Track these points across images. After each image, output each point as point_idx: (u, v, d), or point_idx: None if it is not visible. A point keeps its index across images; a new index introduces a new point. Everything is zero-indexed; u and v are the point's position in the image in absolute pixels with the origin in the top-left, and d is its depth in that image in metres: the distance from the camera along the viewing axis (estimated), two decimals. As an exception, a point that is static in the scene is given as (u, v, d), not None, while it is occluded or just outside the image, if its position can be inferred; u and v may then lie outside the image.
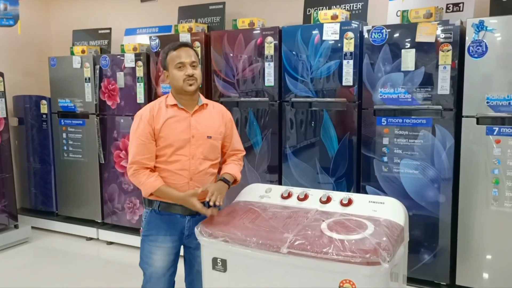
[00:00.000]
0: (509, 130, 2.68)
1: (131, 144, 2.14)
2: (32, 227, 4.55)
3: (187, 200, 2.04)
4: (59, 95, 4.50)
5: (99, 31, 4.79)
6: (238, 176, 2.25)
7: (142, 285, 2.24)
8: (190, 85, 2.10)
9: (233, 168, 2.25)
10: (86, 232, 4.46)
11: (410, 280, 2.85)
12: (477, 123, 2.77)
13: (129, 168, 2.12)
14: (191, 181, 2.13)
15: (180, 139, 2.11)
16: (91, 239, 4.45)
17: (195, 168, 2.13)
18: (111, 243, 4.34)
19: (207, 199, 2.00)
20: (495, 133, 2.73)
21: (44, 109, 4.64)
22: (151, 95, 3.99)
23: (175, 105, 2.15)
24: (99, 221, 4.43)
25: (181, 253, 2.30)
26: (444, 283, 2.95)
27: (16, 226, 4.39)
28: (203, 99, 2.23)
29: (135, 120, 2.17)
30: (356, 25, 3.07)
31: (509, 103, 2.67)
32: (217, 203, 2.00)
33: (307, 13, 3.68)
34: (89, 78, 4.28)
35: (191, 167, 2.13)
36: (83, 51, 4.40)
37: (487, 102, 2.73)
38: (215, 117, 2.23)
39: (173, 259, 2.21)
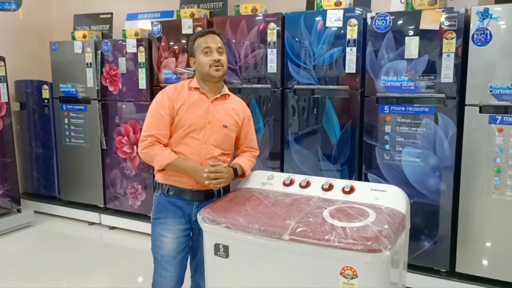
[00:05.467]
0: (512, 119, 2.68)
1: (148, 118, 2.13)
2: (35, 212, 4.58)
3: (200, 171, 2.05)
4: (61, 80, 4.49)
5: (101, 16, 4.75)
6: (247, 171, 2.24)
7: (154, 271, 2.23)
8: (217, 70, 2.11)
9: (244, 162, 2.24)
10: (88, 216, 4.49)
11: (410, 267, 2.87)
12: (480, 111, 2.76)
13: (142, 141, 2.10)
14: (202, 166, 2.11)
15: (196, 122, 2.11)
16: (93, 223, 4.48)
17: (206, 153, 2.12)
18: (113, 227, 4.37)
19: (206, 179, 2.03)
20: (497, 122, 2.72)
21: (45, 94, 4.64)
22: (153, 81, 3.98)
23: (197, 88, 2.16)
24: (101, 206, 4.46)
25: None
26: (444, 270, 2.97)
27: (19, 211, 4.42)
28: (226, 90, 2.24)
29: (157, 96, 2.17)
30: (360, 12, 3.05)
31: (513, 91, 2.66)
32: (211, 186, 2.05)
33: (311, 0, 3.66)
34: (90, 63, 4.27)
35: (202, 151, 2.12)
36: (84, 36, 4.38)
37: (490, 91, 2.72)
38: (234, 109, 2.23)
39: (183, 241, 2.19)
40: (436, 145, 2.88)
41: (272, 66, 3.39)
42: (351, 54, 3.08)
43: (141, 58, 3.99)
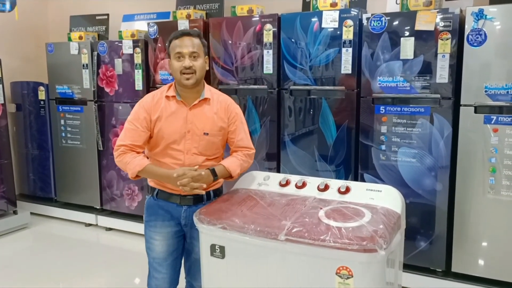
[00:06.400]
0: (507, 119, 2.69)
1: (124, 129, 2.12)
2: (31, 213, 4.57)
3: (173, 180, 1.97)
4: (57, 82, 4.49)
5: (97, 17, 4.75)
6: (234, 171, 2.12)
7: (148, 273, 2.24)
8: (187, 79, 2.02)
9: (231, 162, 2.13)
10: (85, 218, 4.48)
11: (406, 266, 2.87)
12: (475, 111, 2.77)
13: (115, 150, 2.08)
14: None
15: (175, 133, 2.06)
16: (89, 225, 4.47)
17: (190, 163, 2.07)
18: (109, 229, 4.36)
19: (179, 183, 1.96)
20: (492, 122, 2.74)
21: (42, 95, 4.63)
22: (149, 82, 3.98)
23: (174, 97, 2.09)
24: (97, 207, 4.45)
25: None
26: (440, 270, 2.98)
27: (15, 212, 4.41)
28: (207, 92, 2.13)
29: (135, 106, 2.14)
30: (356, 13, 3.06)
31: (507, 92, 2.68)
32: (184, 189, 1.96)
33: (306, 0, 3.66)
34: (87, 64, 4.26)
35: (186, 161, 2.07)
36: (80, 37, 4.38)
37: (486, 91, 2.73)
38: (217, 112, 2.12)
39: (174, 243, 2.17)
40: (432, 145, 2.90)
41: (268, 67, 3.39)
42: (347, 55, 3.08)
43: (138, 59, 3.99)
